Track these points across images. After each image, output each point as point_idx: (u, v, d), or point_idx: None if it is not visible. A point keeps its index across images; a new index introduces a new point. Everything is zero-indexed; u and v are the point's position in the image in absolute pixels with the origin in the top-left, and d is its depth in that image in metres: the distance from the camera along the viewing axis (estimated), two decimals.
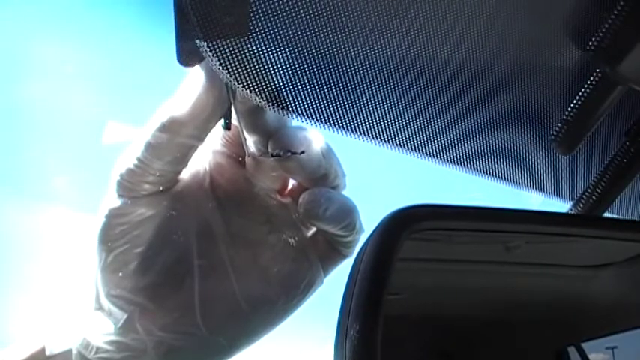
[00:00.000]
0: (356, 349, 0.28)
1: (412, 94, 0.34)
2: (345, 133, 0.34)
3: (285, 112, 0.32)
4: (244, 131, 0.36)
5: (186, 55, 0.32)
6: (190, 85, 0.33)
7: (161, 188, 0.35)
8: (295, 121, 0.34)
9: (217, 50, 0.29)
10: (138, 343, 0.35)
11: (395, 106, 0.34)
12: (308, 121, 0.33)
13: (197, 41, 0.28)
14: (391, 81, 0.33)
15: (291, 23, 0.29)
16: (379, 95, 0.33)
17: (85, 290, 0.38)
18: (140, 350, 0.35)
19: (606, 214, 0.37)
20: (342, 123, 0.33)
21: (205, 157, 0.38)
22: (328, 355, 0.29)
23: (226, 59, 0.29)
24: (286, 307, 0.38)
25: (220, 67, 0.29)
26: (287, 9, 0.29)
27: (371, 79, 0.33)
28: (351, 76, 0.32)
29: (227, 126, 0.35)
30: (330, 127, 0.33)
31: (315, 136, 0.36)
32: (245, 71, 0.30)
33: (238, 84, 0.30)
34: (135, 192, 0.34)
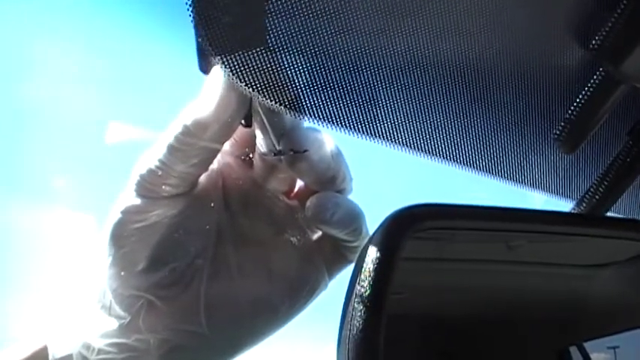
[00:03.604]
0: (358, 348, 0.28)
1: (415, 93, 0.34)
2: (348, 132, 0.34)
3: (288, 111, 0.32)
4: (259, 130, 0.36)
5: (207, 65, 0.32)
6: (212, 87, 0.33)
7: (181, 190, 0.35)
8: (297, 120, 0.34)
9: (225, 54, 0.29)
10: (140, 344, 0.35)
11: (397, 105, 0.34)
12: (312, 120, 0.33)
13: (204, 45, 0.28)
14: (394, 80, 0.33)
15: (297, 25, 0.29)
16: (382, 94, 0.33)
17: (87, 289, 0.38)
18: (142, 351, 0.35)
19: (609, 214, 0.37)
20: (344, 122, 0.33)
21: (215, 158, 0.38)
22: (331, 353, 0.29)
23: (234, 62, 0.29)
24: (290, 311, 0.38)
25: (228, 70, 0.29)
26: (293, 12, 0.29)
27: (374, 78, 0.33)
28: (353, 76, 0.32)
29: (248, 124, 0.36)
30: (333, 126, 0.33)
31: (325, 138, 0.36)
32: (253, 73, 0.30)
33: (246, 86, 0.30)
34: (155, 193, 0.34)
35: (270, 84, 0.30)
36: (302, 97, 0.31)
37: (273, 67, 0.30)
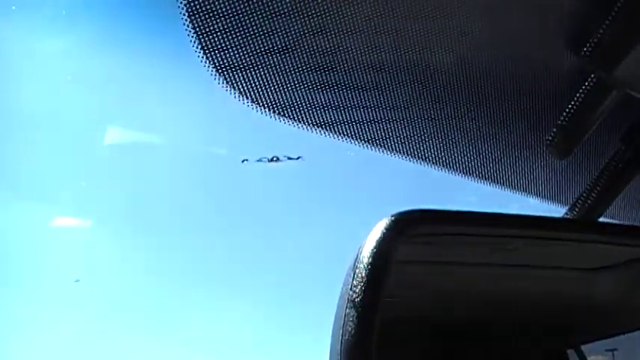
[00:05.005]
0: (351, 352, 0.28)
1: (407, 98, 0.34)
2: (343, 138, 0.34)
3: (283, 117, 0.32)
4: None
5: None
6: None
7: None
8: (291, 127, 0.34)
9: (213, 55, 0.29)
10: None
11: (392, 112, 0.34)
12: (306, 126, 0.33)
13: (193, 46, 0.29)
14: (388, 86, 0.33)
15: (289, 27, 0.29)
16: (376, 100, 0.34)
17: None
18: None
19: (602, 219, 0.37)
20: (339, 128, 0.33)
21: None
22: (324, 357, 0.30)
23: (225, 65, 0.29)
24: None
25: (222, 78, 0.29)
26: (284, 13, 0.29)
27: (368, 84, 0.33)
28: (347, 81, 0.32)
29: None
30: (328, 132, 0.33)
31: None
32: (243, 76, 0.30)
33: (236, 90, 0.30)
34: None
35: (262, 88, 0.30)
36: (294, 102, 0.32)
37: (264, 71, 0.30)
